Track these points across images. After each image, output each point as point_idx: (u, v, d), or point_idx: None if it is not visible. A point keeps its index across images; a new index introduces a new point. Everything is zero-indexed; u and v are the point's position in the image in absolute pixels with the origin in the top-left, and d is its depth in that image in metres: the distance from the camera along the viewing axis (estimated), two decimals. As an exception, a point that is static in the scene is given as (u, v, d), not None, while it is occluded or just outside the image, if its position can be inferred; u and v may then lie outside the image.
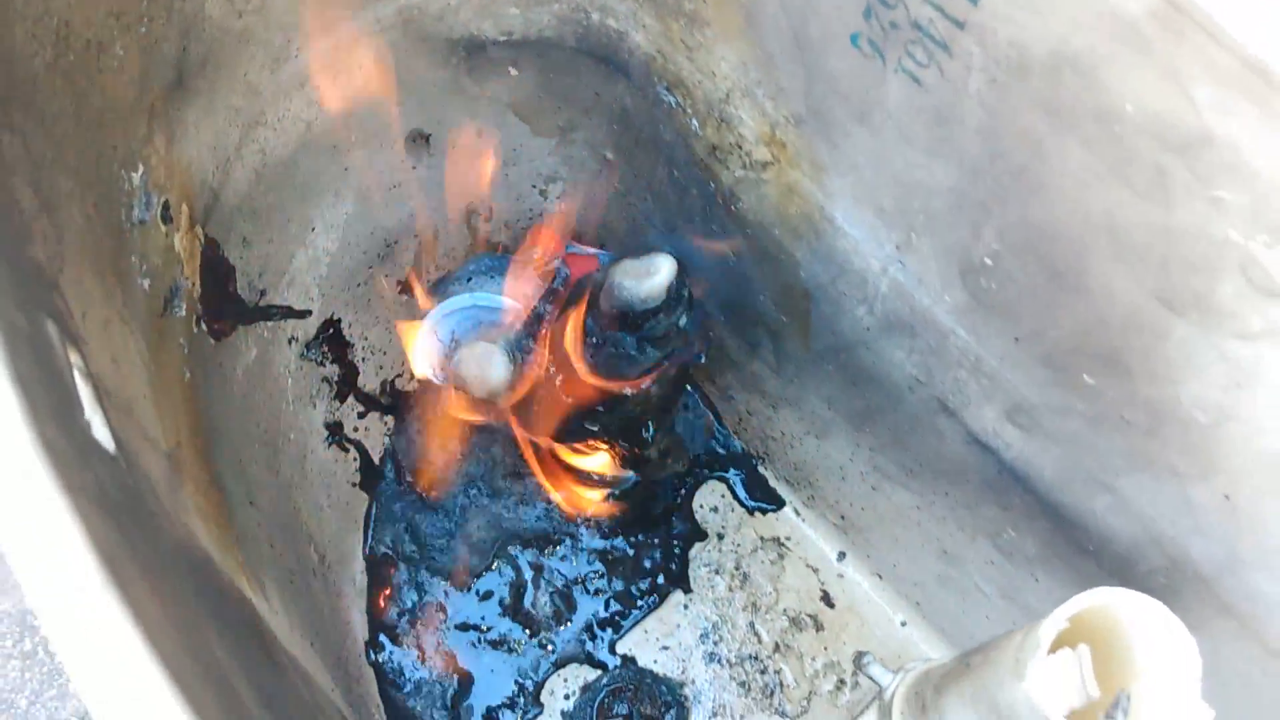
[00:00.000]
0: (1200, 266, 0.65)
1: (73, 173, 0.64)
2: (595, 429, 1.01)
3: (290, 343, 1.02)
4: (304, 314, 1.01)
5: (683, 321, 0.91)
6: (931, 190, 0.78)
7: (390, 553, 1.20)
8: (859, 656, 1.01)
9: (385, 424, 1.21)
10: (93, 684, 0.46)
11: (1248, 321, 0.65)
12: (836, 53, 0.77)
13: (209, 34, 0.77)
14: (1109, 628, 0.68)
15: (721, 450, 1.28)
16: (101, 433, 0.57)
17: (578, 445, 1.09)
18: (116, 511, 0.53)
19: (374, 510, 1.21)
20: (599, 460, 1.12)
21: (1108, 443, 0.81)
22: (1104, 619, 0.67)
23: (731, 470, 1.27)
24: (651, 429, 1.05)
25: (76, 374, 0.57)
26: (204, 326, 0.85)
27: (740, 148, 0.92)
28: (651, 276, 0.88)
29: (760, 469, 1.27)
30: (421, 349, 0.99)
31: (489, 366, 0.98)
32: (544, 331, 0.99)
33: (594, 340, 0.92)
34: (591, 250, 1.10)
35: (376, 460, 1.21)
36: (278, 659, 0.77)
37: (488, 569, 1.21)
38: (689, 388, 1.27)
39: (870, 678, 0.99)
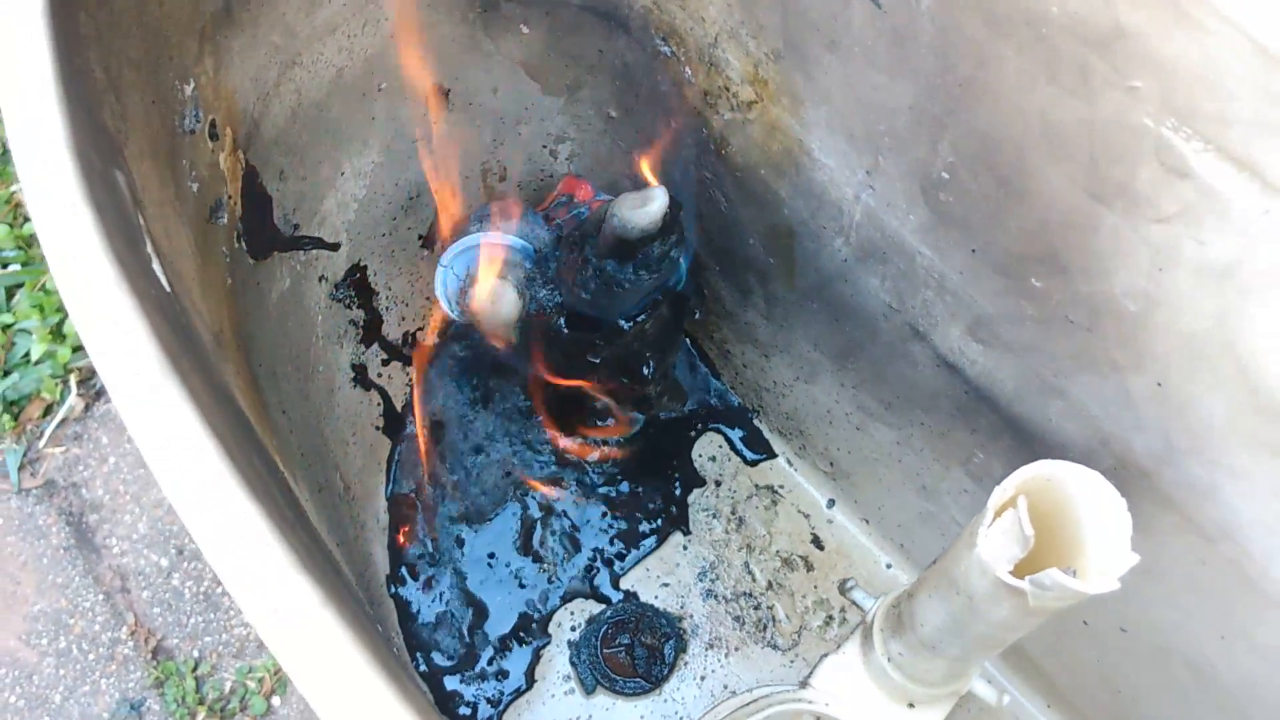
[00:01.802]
0: (1121, 156, 0.73)
1: (136, 67, 0.73)
2: (597, 362, 1.09)
3: (320, 281, 1.11)
4: (333, 246, 1.11)
5: (675, 251, 1.00)
6: (894, 111, 0.87)
7: (411, 494, 1.28)
8: (843, 583, 1.09)
9: (407, 374, 1.30)
10: (143, 429, 0.54)
11: (1163, 205, 0.73)
12: (807, -16, 0.86)
13: (254, -30, 0.88)
14: (1060, 506, 0.73)
15: (719, 405, 1.37)
16: (159, 271, 0.66)
17: (587, 385, 1.18)
18: (174, 328, 0.62)
19: (396, 455, 1.29)
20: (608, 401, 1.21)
21: (1056, 345, 0.88)
22: (1054, 498, 0.73)
23: (728, 424, 1.36)
24: (651, 366, 1.13)
25: (140, 219, 0.66)
26: (243, 244, 0.94)
27: (728, 90, 1.01)
28: (648, 205, 0.97)
29: (755, 421, 1.35)
30: (439, 285, 1.07)
31: (500, 302, 1.07)
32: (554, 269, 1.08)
33: (594, 269, 1.01)
34: None
35: (399, 408, 1.30)
36: (309, 526, 0.85)
37: (503, 512, 1.29)
38: (689, 343, 1.36)
39: (853, 602, 1.06)
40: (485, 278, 1.07)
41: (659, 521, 1.30)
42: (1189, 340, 0.77)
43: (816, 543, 1.30)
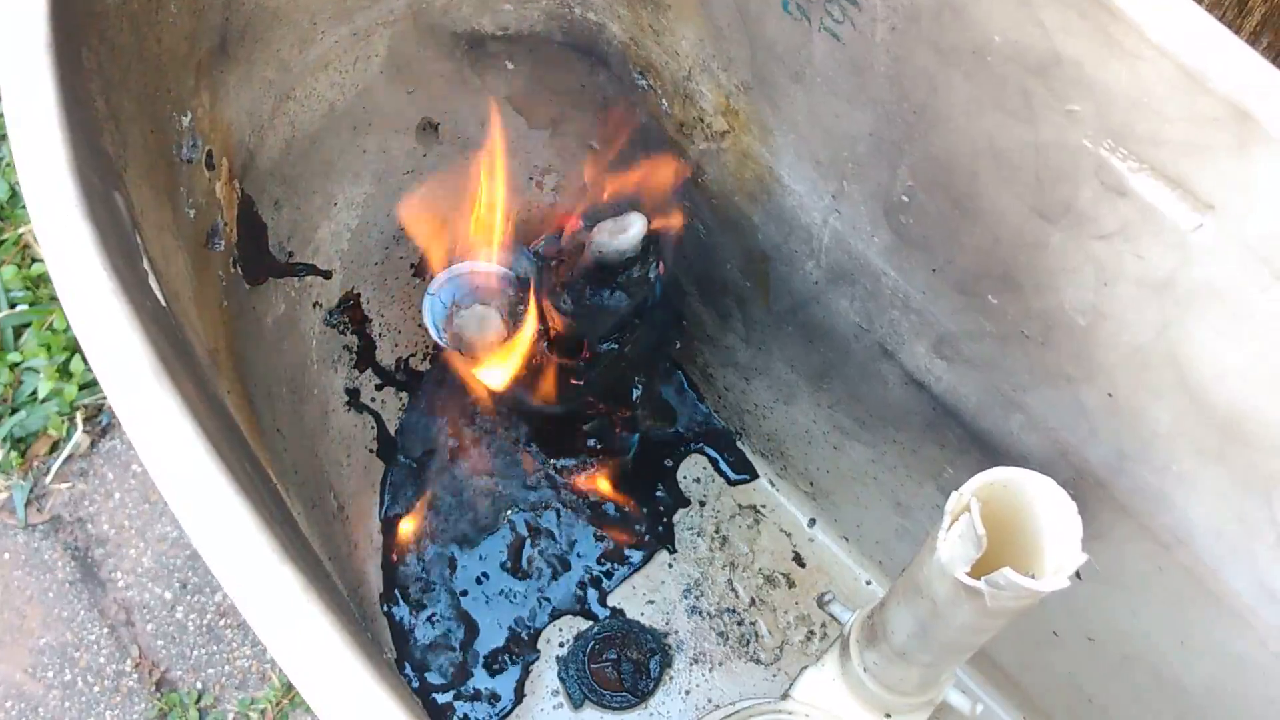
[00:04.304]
0: (1064, 176, 0.76)
1: (135, 99, 0.78)
2: (582, 384, 1.13)
3: (315, 307, 1.15)
4: (326, 274, 1.15)
5: (652, 274, 1.05)
6: (855, 137, 0.91)
7: (405, 516, 1.32)
8: (821, 596, 1.12)
9: (400, 399, 1.34)
10: (136, 424, 0.58)
11: (1104, 222, 0.76)
12: (771, 19, 0.90)
13: (248, 8, 0.91)
14: (1016, 511, 0.76)
15: (704, 428, 1.41)
16: (156, 287, 0.70)
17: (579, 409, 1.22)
18: (168, 338, 0.66)
19: (389, 479, 1.33)
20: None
21: (1014, 360, 0.91)
22: (1011, 503, 0.75)
23: (712, 446, 1.40)
24: (639, 389, 1.17)
25: (138, 239, 0.71)
26: (239, 270, 0.98)
27: (702, 121, 1.05)
28: (627, 231, 1.01)
29: (738, 444, 1.39)
30: (426, 312, 1.12)
31: (485, 328, 1.11)
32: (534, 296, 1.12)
33: (572, 293, 1.05)
34: None
35: (393, 432, 1.34)
36: (298, 531, 0.88)
37: (492, 533, 1.33)
38: (675, 368, 1.40)
39: (831, 615, 1.10)
40: (470, 305, 1.11)
41: (645, 540, 1.34)
42: (1134, 351, 0.80)
43: (798, 560, 1.33)
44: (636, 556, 1.33)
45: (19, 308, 1.65)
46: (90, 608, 1.48)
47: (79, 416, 1.60)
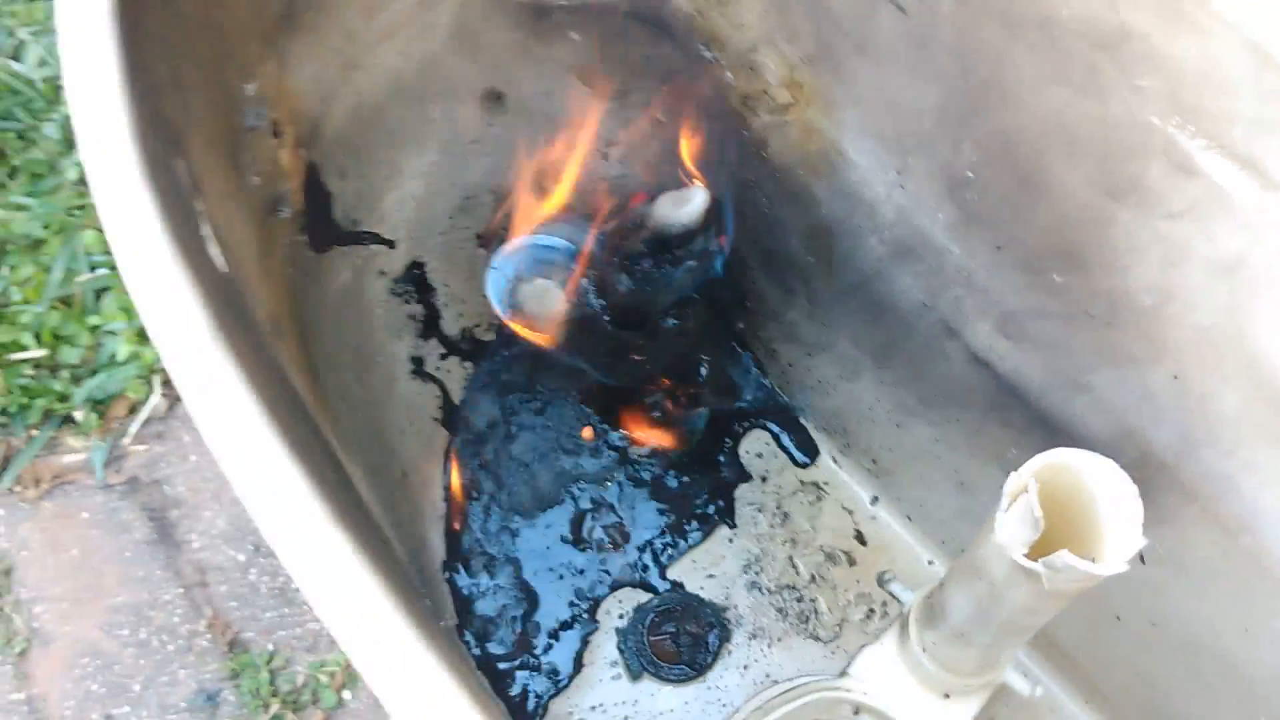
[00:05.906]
0: (1132, 154, 0.75)
1: (199, 65, 0.78)
2: (642, 359, 1.13)
3: (380, 275, 1.16)
4: (390, 243, 1.16)
5: (713, 247, 1.04)
6: (920, 112, 0.90)
7: (468, 485, 1.33)
8: (881, 574, 1.12)
9: (465, 369, 1.35)
10: (191, 388, 0.59)
11: (1172, 201, 0.75)
12: (836, -9, 0.90)
13: (314, -23, 0.93)
14: (1076, 493, 0.76)
15: (766, 402, 1.40)
16: (216, 253, 0.71)
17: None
18: (228, 305, 0.66)
19: (452, 447, 1.34)
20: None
21: (1079, 340, 0.91)
22: (1071, 485, 0.75)
23: (775, 421, 1.39)
24: (706, 369, 1.17)
25: (199, 205, 0.71)
26: (304, 237, 0.99)
27: (766, 93, 1.05)
28: (689, 204, 1.01)
29: (801, 419, 1.38)
30: (489, 285, 1.12)
31: (547, 301, 1.11)
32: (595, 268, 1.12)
33: (633, 266, 1.05)
34: None
35: (457, 401, 1.34)
36: (359, 497, 0.89)
37: (554, 504, 1.34)
38: (736, 346, 1.40)
39: (891, 594, 1.09)
40: (533, 278, 1.11)
41: (706, 514, 1.34)
42: (1202, 333, 0.80)
43: (859, 538, 1.33)
44: (697, 531, 1.33)
45: (100, 271, 1.67)
46: (165, 568, 1.50)
47: (157, 380, 1.62)
